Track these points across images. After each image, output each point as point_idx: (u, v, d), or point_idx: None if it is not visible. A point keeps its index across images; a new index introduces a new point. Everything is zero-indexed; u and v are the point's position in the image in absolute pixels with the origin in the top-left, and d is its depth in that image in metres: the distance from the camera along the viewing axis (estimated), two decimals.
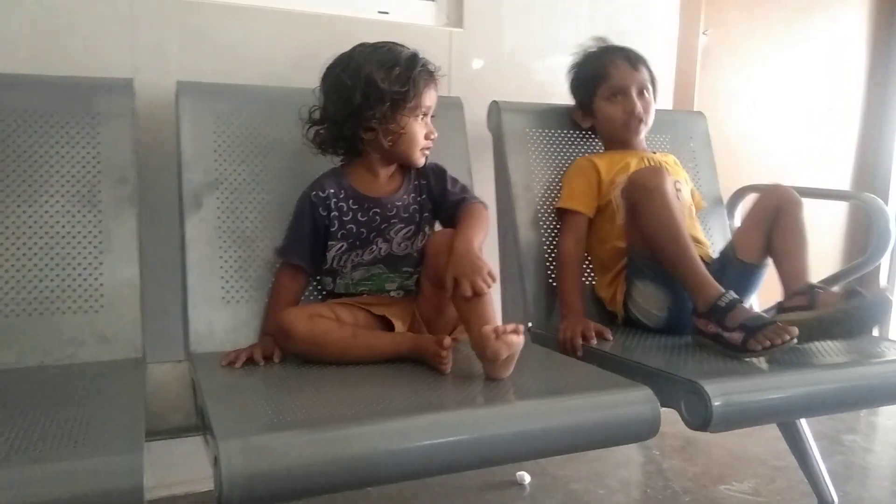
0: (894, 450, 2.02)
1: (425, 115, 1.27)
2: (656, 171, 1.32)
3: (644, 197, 1.31)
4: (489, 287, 1.08)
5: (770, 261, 1.40)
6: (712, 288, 1.24)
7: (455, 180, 1.34)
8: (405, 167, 1.32)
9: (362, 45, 1.26)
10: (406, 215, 1.28)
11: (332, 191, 1.26)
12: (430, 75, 1.26)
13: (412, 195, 1.30)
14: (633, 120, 1.52)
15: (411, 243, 1.28)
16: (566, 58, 1.63)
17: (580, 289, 1.45)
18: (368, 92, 1.20)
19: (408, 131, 1.24)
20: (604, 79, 1.53)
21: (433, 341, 1.09)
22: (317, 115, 1.28)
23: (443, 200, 1.31)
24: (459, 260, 1.10)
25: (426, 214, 1.31)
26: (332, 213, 1.26)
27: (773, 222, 1.37)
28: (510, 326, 1.04)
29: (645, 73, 1.55)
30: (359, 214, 1.26)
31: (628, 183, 1.36)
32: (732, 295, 1.23)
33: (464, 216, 1.25)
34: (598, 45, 1.59)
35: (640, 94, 1.53)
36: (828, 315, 1.19)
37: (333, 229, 1.26)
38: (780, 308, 1.29)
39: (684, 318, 1.31)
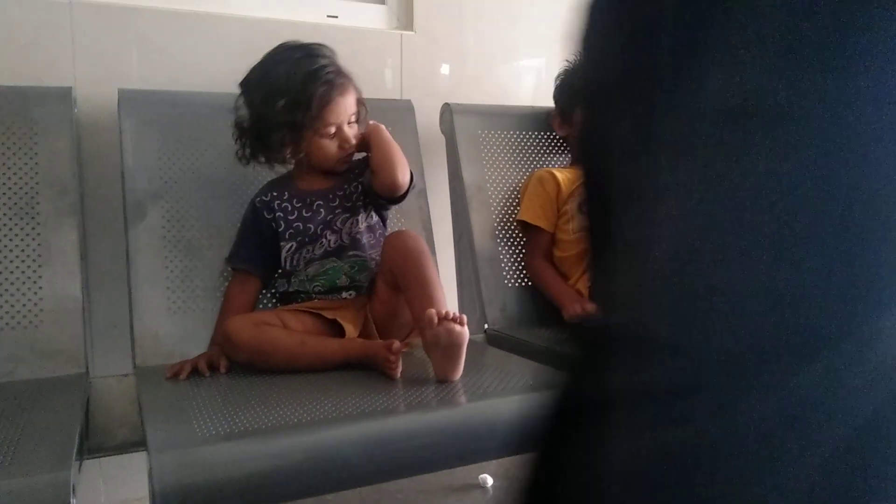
0: None
1: (338, 128, 1.23)
2: None
3: None
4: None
5: None
6: None
7: None
8: None
9: (269, 56, 1.24)
10: (349, 204, 1.29)
11: (274, 193, 1.27)
12: (331, 88, 1.20)
13: (352, 183, 1.30)
14: None
15: (354, 227, 1.28)
16: (517, 60, 1.63)
17: (565, 282, 1.47)
18: (260, 128, 1.21)
19: (317, 150, 1.24)
20: None
21: (382, 346, 1.08)
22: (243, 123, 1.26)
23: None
24: None
25: (364, 197, 1.29)
26: (278, 214, 1.26)
27: None
28: (454, 315, 1.03)
29: None
30: (303, 211, 1.27)
31: None
32: None
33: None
34: None
35: None
36: None
37: (281, 230, 1.26)
38: None
39: None
